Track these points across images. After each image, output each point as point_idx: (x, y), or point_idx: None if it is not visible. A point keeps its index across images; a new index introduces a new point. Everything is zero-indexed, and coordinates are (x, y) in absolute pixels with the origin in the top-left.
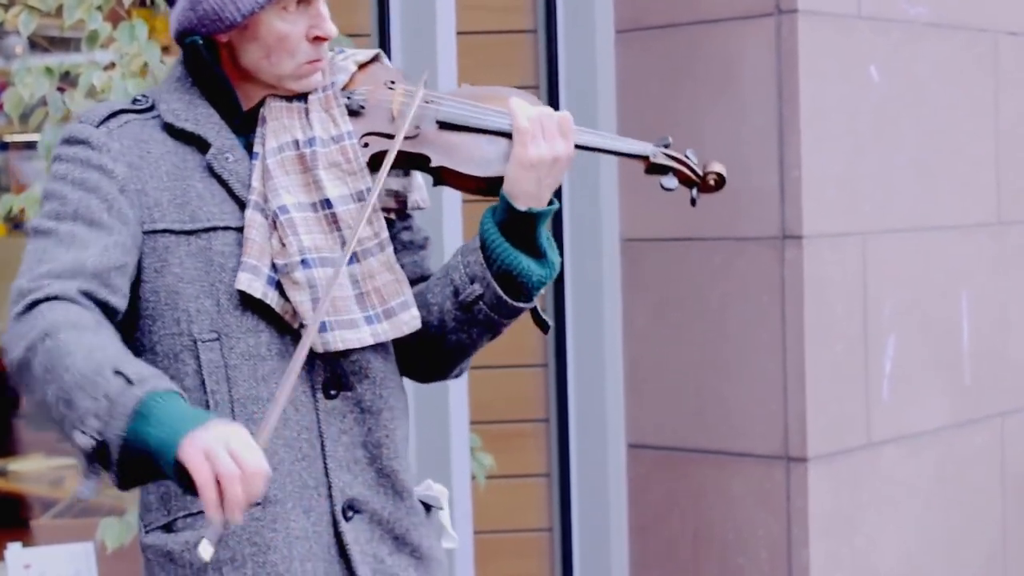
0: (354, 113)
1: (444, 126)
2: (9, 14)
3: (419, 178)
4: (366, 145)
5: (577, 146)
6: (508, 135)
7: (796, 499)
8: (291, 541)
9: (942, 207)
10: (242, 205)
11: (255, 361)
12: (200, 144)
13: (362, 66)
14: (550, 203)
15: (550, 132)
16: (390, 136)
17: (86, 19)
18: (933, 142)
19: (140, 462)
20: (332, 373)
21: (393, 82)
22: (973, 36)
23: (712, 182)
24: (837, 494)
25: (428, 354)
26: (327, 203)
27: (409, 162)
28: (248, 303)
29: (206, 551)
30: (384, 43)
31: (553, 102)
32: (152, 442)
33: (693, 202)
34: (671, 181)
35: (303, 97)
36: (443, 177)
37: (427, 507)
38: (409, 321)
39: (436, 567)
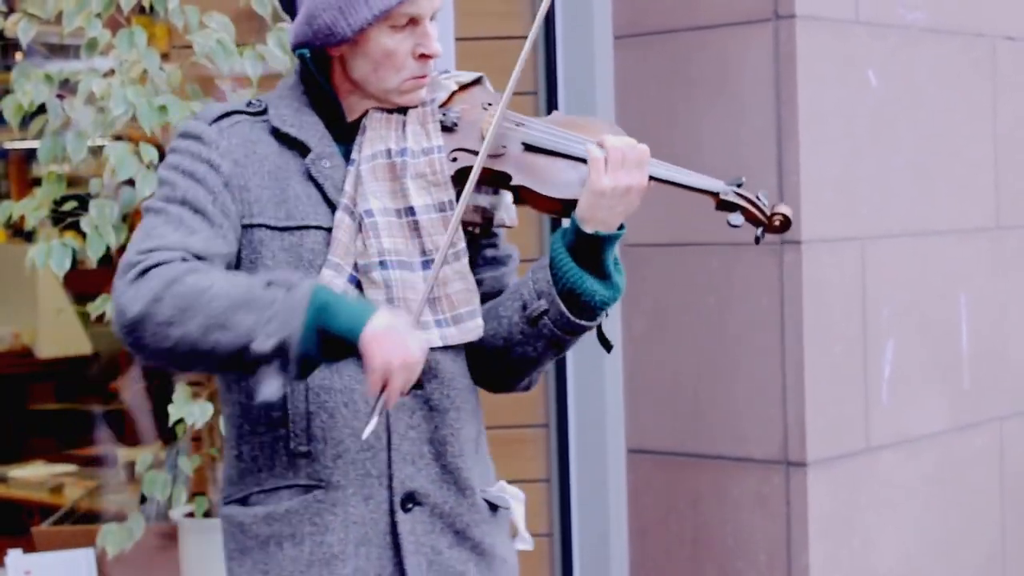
0: (447, 129)
1: (529, 148)
2: (8, 21)
3: (508, 198)
4: (454, 159)
5: (651, 178)
6: (584, 161)
7: (795, 503)
8: (348, 525)
9: (940, 211)
10: (334, 208)
11: None
12: (302, 149)
13: (464, 87)
14: (620, 228)
15: (626, 163)
16: (477, 153)
17: (85, 26)
18: (931, 146)
19: (315, 353)
20: None
21: (490, 104)
22: (971, 41)
23: (777, 223)
24: (836, 498)
25: (496, 364)
26: (411, 211)
27: (492, 179)
28: None
29: (368, 429)
30: None
31: (552, 107)
32: (336, 330)
33: (757, 240)
34: (737, 218)
35: (403, 110)
36: (522, 196)
37: (493, 507)
38: (474, 329)
39: (499, 565)
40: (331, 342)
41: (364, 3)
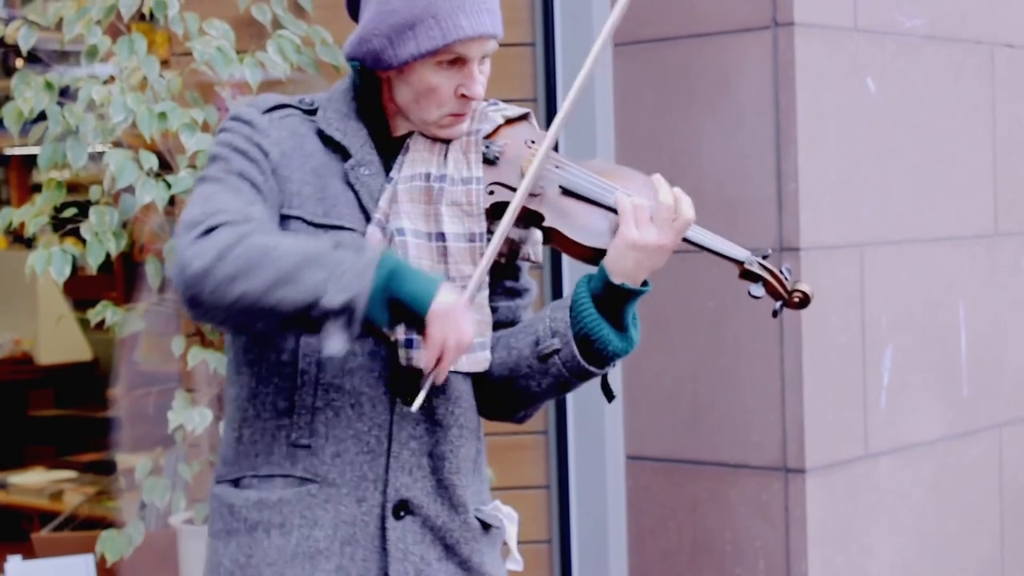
0: (488, 162)
1: (566, 192)
2: (9, 28)
3: (537, 234)
4: (491, 192)
5: (687, 240)
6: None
7: (794, 510)
8: (338, 523)
9: (939, 218)
10: (368, 215)
11: (347, 355)
12: (344, 153)
13: (510, 121)
14: (644, 284)
15: (663, 222)
16: (514, 189)
17: (85, 33)
18: (930, 154)
19: (381, 314)
20: (413, 384)
21: (533, 142)
22: (969, 48)
23: (797, 299)
24: (835, 505)
25: (497, 393)
26: (441, 236)
27: (526, 218)
28: None
29: (418, 402)
30: None
31: (551, 114)
32: (404, 296)
33: (775, 314)
34: (759, 290)
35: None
36: (552, 237)
37: (486, 526)
38: (482, 361)
39: None
40: (397, 307)
41: (413, 38)
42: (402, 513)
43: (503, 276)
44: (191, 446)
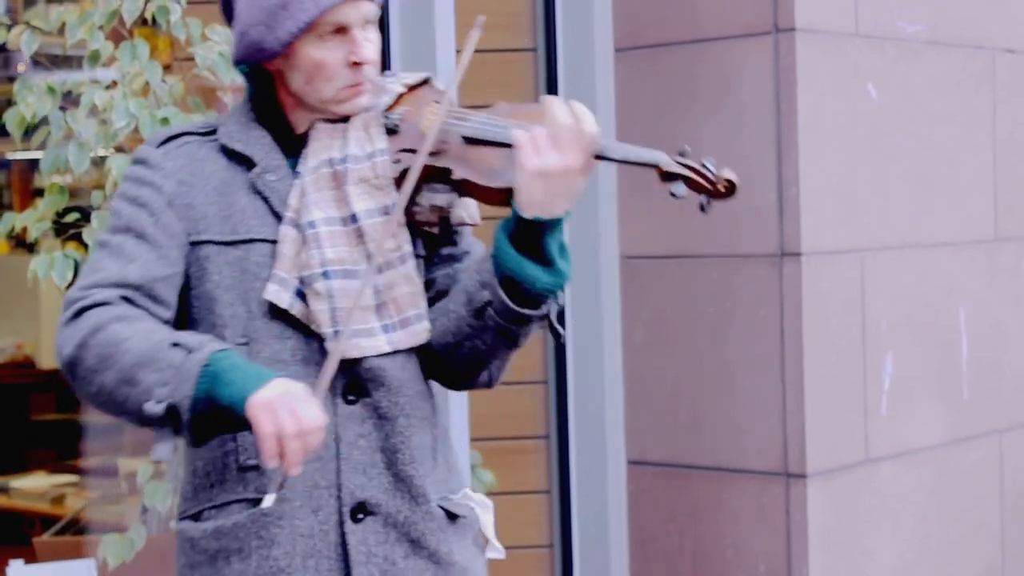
0: (391, 132)
1: (469, 141)
2: (12, 33)
3: (469, 199)
4: (397, 161)
5: (597, 157)
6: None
7: (795, 515)
8: (295, 538)
9: (940, 223)
10: (280, 220)
11: (280, 366)
12: (248, 163)
13: (411, 88)
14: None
15: (565, 143)
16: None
17: (88, 38)
18: (931, 159)
19: (209, 419)
20: (351, 379)
21: (437, 102)
22: (970, 53)
23: (723, 188)
24: (836, 510)
25: (449, 361)
26: (354, 217)
27: (436, 176)
28: (276, 312)
29: (269, 501)
30: (384, 62)
31: None
32: (223, 400)
33: (702, 208)
34: (680, 188)
35: (347, 118)
36: (466, 190)
37: (452, 515)
38: (421, 332)
39: (459, 574)
40: (221, 413)
41: (288, 16)
42: (360, 515)
43: (440, 245)
44: None
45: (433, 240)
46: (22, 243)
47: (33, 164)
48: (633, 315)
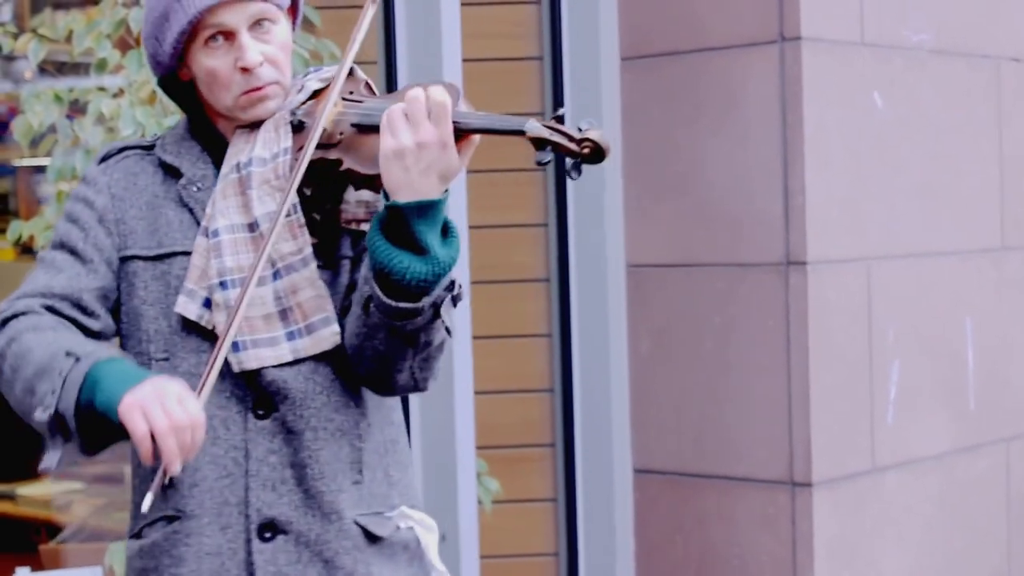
0: (296, 129)
1: (360, 129)
2: (19, 41)
3: (355, 195)
4: (296, 159)
5: (457, 129)
6: None
7: (801, 524)
8: (201, 556)
9: (946, 233)
10: None
11: (197, 380)
12: (178, 175)
13: (329, 84)
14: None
15: (414, 118)
16: (320, 147)
17: (95, 47)
18: (936, 168)
19: (95, 428)
20: (260, 393)
21: (352, 92)
22: (976, 62)
23: (587, 150)
24: (842, 519)
25: (358, 364)
26: (256, 223)
27: (327, 168)
28: (192, 325)
29: (146, 503)
30: (390, 71)
31: None
32: (99, 406)
33: (568, 175)
34: (546, 155)
35: (261, 122)
36: (351, 179)
37: (372, 535)
38: (329, 337)
39: None
40: (101, 418)
41: (168, 26)
42: (268, 534)
43: (362, 245)
44: None
45: (357, 239)
46: (29, 250)
47: (40, 172)
48: (639, 323)
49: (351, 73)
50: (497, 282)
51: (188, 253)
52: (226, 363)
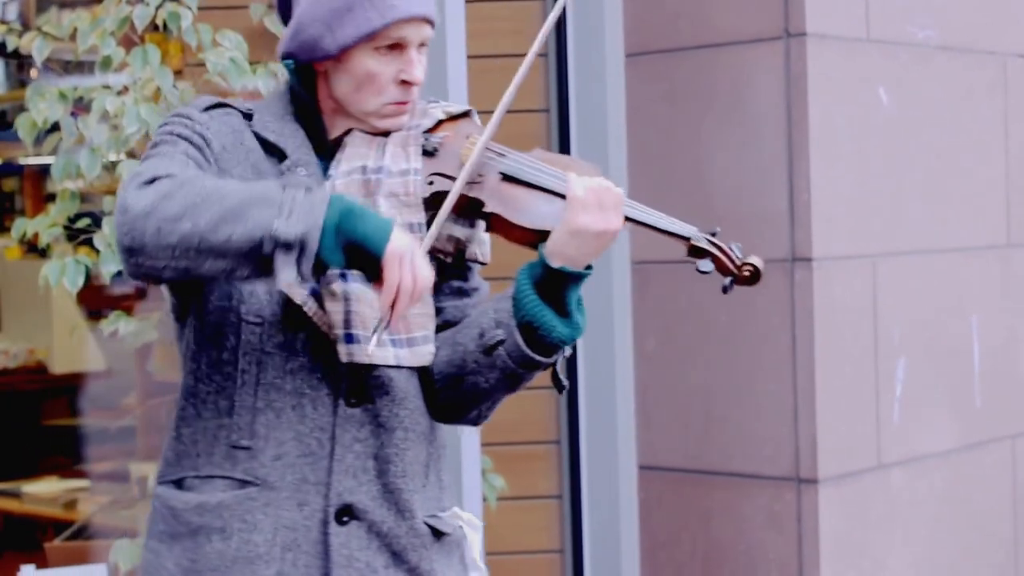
0: (428, 154)
1: (507, 178)
2: (24, 39)
3: (485, 235)
4: (430, 183)
5: (626, 219)
6: (562, 196)
7: (807, 521)
8: (278, 528)
9: (952, 229)
10: None
11: (288, 354)
12: (280, 155)
13: (452, 118)
14: (588, 268)
15: (605, 205)
16: (454, 179)
17: (99, 44)
18: (942, 164)
19: (331, 251)
20: (356, 383)
21: (471, 136)
22: (982, 59)
23: (747, 273)
24: (847, 516)
25: (447, 393)
26: None
27: (467, 206)
28: (291, 303)
29: (372, 344)
30: None
31: (564, 125)
32: (357, 233)
33: (725, 290)
34: (707, 265)
35: (386, 133)
36: (494, 224)
37: (438, 533)
38: (426, 354)
39: None
40: (350, 248)
41: (351, 22)
42: (345, 518)
43: (451, 276)
44: None
45: (442, 270)
46: (34, 248)
47: (45, 170)
48: (645, 320)
49: (467, 114)
50: (502, 279)
51: None
52: (329, 348)
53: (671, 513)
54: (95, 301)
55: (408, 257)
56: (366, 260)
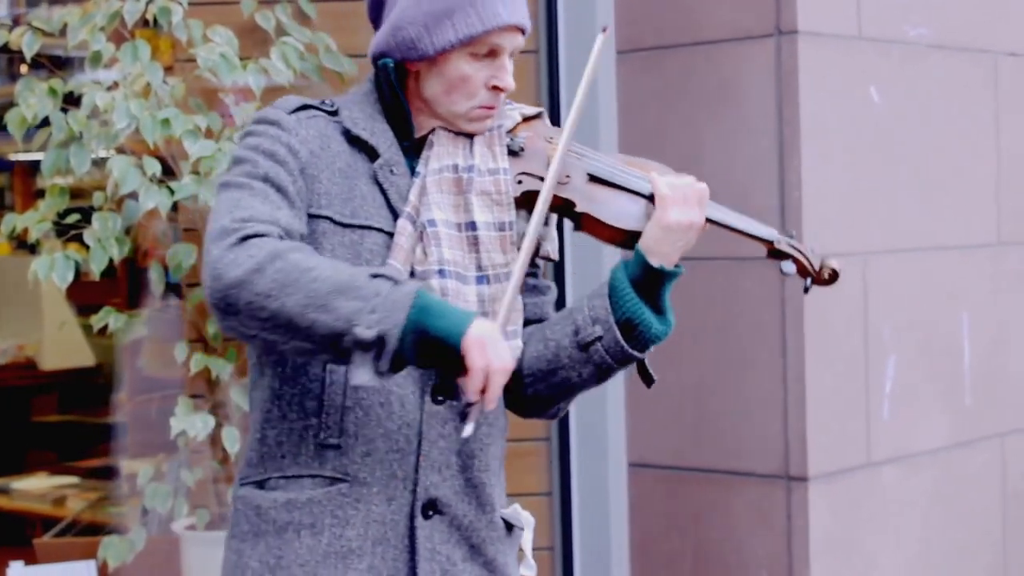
0: (513, 153)
1: (593, 179)
2: (14, 34)
3: (554, 231)
4: (519, 182)
5: (708, 219)
6: (647, 197)
7: (796, 518)
8: (369, 523)
9: (943, 227)
10: (396, 214)
11: None
12: (371, 153)
13: (527, 119)
14: (677, 266)
15: (690, 201)
16: (542, 178)
17: (90, 40)
18: (934, 162)
19: (412, 349)
20: (443, 380)
21: (551, 137)
22: (974, 57)
23: (827, 275)
24: (837, 514)
25: (534, 388)
26: (472, 225)
27: (558, 205)
28: None
29: (468, 430)
30: None
31: (555, 122)
32: (435, 331)
33: (806, 290)
34: (790, 267)
35: (470, 134)
36: (583, 223)
37: (509, 527)
38: (514, 349)
39: None
40: (428, 344)
41: (451, 25)
42: (430, 512)
43: (526, 274)
44: (193, 452)
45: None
46: (23, 244)
47: (34, 165)
48: None
49: (539, 116)
50: None
51: (380, 231)
52: None
53: (661, 511)
54: (84, 297)
55: (489, 343)
56: (443, 354)
